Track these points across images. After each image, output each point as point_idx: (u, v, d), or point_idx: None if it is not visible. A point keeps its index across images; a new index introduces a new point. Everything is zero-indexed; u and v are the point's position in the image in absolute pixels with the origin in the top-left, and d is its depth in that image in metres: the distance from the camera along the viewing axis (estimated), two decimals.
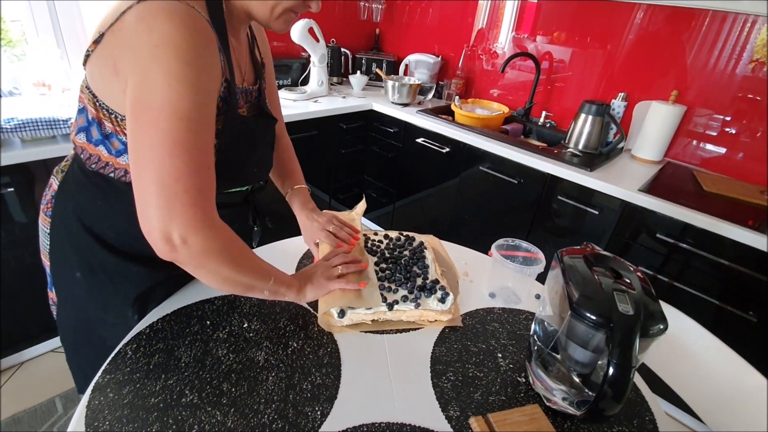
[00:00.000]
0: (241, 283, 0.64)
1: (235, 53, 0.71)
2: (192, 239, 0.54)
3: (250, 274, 0.64)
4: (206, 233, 0.55)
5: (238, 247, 0.63)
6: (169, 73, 0.51)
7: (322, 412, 0.60)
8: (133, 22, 0.53)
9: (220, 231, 0.58)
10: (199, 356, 0.67)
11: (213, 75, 0.58)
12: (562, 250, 0.66)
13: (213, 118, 0.58)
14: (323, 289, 0.75)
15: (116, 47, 0.56)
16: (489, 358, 0.74)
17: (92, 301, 0.76)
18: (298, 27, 1.94)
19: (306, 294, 0.74)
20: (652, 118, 1.70)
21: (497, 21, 2.21)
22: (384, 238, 1.00)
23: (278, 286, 0.69)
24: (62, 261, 0.77)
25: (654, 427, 0.65)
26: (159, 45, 0.51)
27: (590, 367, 0.60)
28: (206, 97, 0.55)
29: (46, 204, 0.78)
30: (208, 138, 0.57)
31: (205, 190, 0.56)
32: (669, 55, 1.72)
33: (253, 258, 0.66)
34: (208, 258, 0.58)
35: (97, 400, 0.59)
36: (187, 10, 0.53)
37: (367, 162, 2.41)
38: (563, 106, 2.09)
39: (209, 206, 0.56)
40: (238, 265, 0.62)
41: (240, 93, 0.74)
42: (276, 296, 0.70)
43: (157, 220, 0.53)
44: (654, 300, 0.57)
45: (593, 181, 1.51)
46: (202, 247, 0.56)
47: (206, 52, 0.55)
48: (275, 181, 0.99)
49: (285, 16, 0.66)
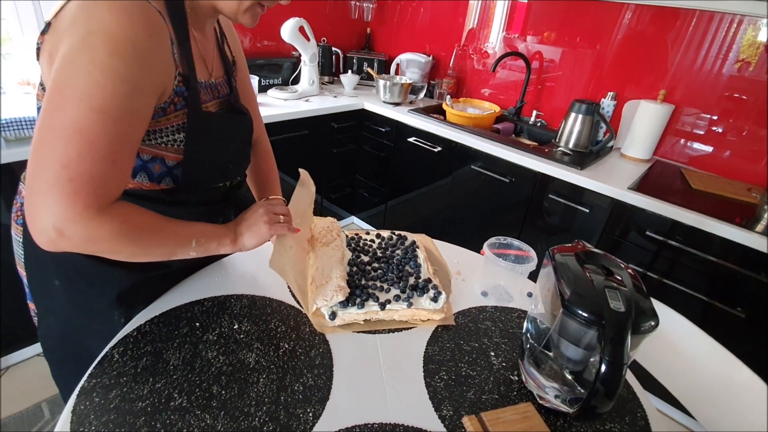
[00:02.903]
0: (153, 254, 0.62)
1: (199, 47, 0.69)
2: (71, 230, 0.51)
3: (161, 244, 0.62)
4: (89, 223, 0.51)
5: (140, 225, 0.58)
6: (92, 61, 0.50)
7: (314, 413, 0.60)
8: (75, 9, 0.52)
9: (110, 217, 0.54)
10: (188, 359, 0.66)
11: (151, 70, 0.56)
12: (554, 248, 0.66)
13: (142, 112, 0.56)
14: (262, 235, 0.72)
15: (55, 35, 0.54)
16: (482, 356, 0.73)
17: (74, 308, 0.74)
18: (289, 26, 1.93)
19: (244, 242, 0.71)
20: (641, 117, 1.72)
21: (488, 21, 2.21)
22: (376, 237, 0.99)
23: (207, 244, 0.67)
24: (38, 270, 0.75)
25: (645, 424, 0.65)
26: (92, 32, 0.50)
27: (582, 365, 0.60)
28: (132, 91, 0.53)
29: (16, 212, 0.76)
30: (125, 132, 0.54)
31: (97, 181, 0.52)
32: (657, 55, 1.74)
33: (163, 229, 0.62)
34: (96, 245, 0.54)
35: (83, 405, 0.57)
36: (136, 1, 0.52)
37: (358, 161, 2.40)
38: (554, 106, 2.10)
39: (98, 196, 0.52)
40: (141, 241, 0.59)
41: (205, 87, 0.72)
42: (208, 252, 0.68)
43: (34, 208, 0.50)
44: (645, 297, 0.57)
45: (584, 179, 1.52)
46: (86, 236, 0.52)
47: (146, 45, 0.54)
48: (252, 190, 0.96)
49: (252, 10, 0.65)
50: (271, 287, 0.84)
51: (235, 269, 0.88)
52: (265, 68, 2.13)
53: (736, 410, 0.76)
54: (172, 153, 0.66)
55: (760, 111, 1.56)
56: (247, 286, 0.84)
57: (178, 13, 0.61)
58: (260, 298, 0.81)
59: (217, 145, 0.74)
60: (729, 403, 0.78)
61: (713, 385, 0.81)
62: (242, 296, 0.81)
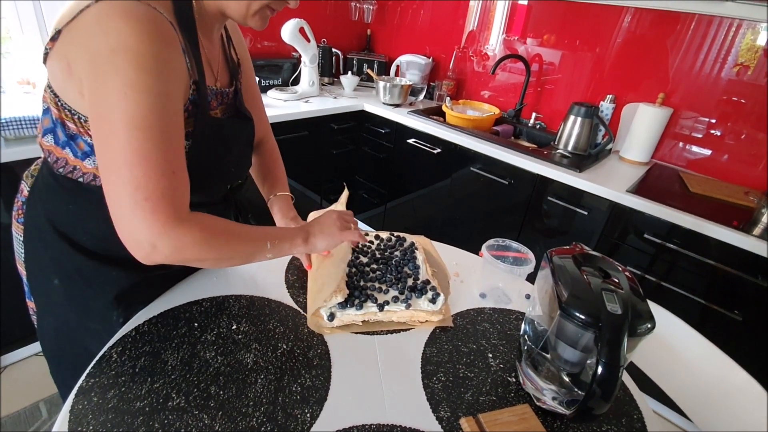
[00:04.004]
0: (235, 258, 0.66)
1: (206, 54, 0.70)
2: (160, 243, 0.55)
3: (240, 248, 0.65)
4: (172, 234, 0.55)
5: (218, 231, 0.62)
6: (124, 82, 0.51)
7: (312, 414, 0.60)
8: (90, 23, 0.52)
9: (190, 225, 0.57)
10: (186, 359, 0.66)
11: (173, 78, 0.57)
12: (552, 251, 0.66)
13: (177, 121, 0.57)
14: (335, 238, 0.75)
15: (71, 46, 0.55)
16: (479, 358, 0.74)
17: (72, 308, 0.74)
18: (289, 27, 1.93)
19: (316, 244, 0.74)
20: (640, 120, 1.72)
21: (488, 23, 2.22)
22: (375, 238, 0.99)
23: (281, 245, 0.70)
24: (38, 269, 0.75)
25: (642, 426, 0.65)
26: (115, 50, 0.50)
27: (579, 367, 0.60)
28: (165, 102, 0.54)
29: (17, 210, 0.76)
30: (171, 142, 0.56)
31: (168, 194, 0.55)
32: (656, 58, 1.74)
33: (239, 233, 0.65)
34: (184, 254, 0.58)
35: (81, 405, 0.57)
36: (146, 12, 0.52)
37: (358, 163, 2.40)
38: (553, 108, 2.11)
39: (174, 208, 0.55)
40: (222, 247, 0.62)
41: (213, 94, 0.72)
42: (282, 254, 0.72)
43: (125, 229, 0.54)
44: (642, 299, 0.57)
45: (582, 182, 1.53)
46: (174, 247, 0.56)
47: (165, 55, 0.54)
48: (258, 185, 0.97)
49: (261, 13, 0.65)
50: (269, 288, 0.84)
51: (233, 270, 0.88)
52: (265, 69, 2.13)
53: (733, 412, 0.76)
54: None
55: (759, 115, 1.56)
56: (246, 286, 0.84)
57: (187, 20, 0.61)
58: (259, 299, 0.81)
59: (220, 150, 0.74)
60: (725, 405, 0.78)
61: (710, 388, 0.81)
62: (241, 297, 0.81)
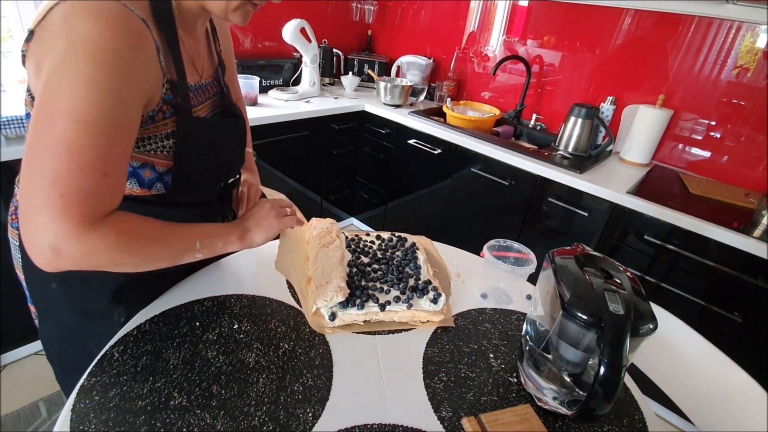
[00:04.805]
0: (159, 260, 0.60)
1: (187, 50, 0.69)
2: (67, 248, 0.49)
3: (165, 250, 0.60)
4: (82, 238, 0.50)
5: (138, 234, 0.57)
6: (75, 74, 0.49)
7: (314, 414, 0.60)
8: (56, 22, 0.51)
9: (105, 229, 0.52)
10: (187, 358, 0.66)
11: (134, 78, 0.54)
12: (554, 251, 0.66)
13: (126, 122, 0.55)
14: (273, 228, 0.72)
15: (40, 45, 0.54)
16: (481, 358, 0.74)
17: (72, 311, 0.74)
18: (290, 27, 1.93)
19: (253, 239, 0.71)
20: (640, 121, 1.73)
21: (488, 24, 2.22)
22: (376, 239, 0.99)
23: (213, 243, 0.65)
24: (36, 273, 0.74)
25: (643, 427, 0.65)
26: (73, 43, 0.49)
27: (581, 367, 0.60)
28: (115, 101, 0.52)
29: (11, 216, 0.75)
30: (113, 143, 0.52)
31: (89, 196, 0.50)
32: (656, 60, 1.75)
33: (164, 234, 0.60)
34: (96, 259, 0.53)
35: (83, 404, 0.57)
36: (115, 9, 0.51)
37: (358, 163, 2.40)
38: (553, 109, 2.11)
39: (91, 211, 0.51)
40: (143, 249, 0.57)
41: (195, 90, 0.71)
42: (216, 252, 0.67)
43: (28, 228, 0.49)
44: (644, 300, 0.57)
45: (582, 183, 1.53)
46: (83, 252, 0.51)
47: (129, 53, 0.52)
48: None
49: (243, 8, 0.64)
50: (271, 287, 0.84)
51: (235, 269, 0.88)
52: (266, 69, 2.13)
53: (733, 414, 0.76)
54: (161, 159, 0.65)
55: (758, 116, 1.57)
56: (247, 286, 0.84)
57: (165, 18, 0.60)
58: (260, 298, 0.81)
59: (209, 149, 0.73)
60: (726, 407, 0.78)
61: (710, 389, 0.81)
62: (242, 296, 0.81)
